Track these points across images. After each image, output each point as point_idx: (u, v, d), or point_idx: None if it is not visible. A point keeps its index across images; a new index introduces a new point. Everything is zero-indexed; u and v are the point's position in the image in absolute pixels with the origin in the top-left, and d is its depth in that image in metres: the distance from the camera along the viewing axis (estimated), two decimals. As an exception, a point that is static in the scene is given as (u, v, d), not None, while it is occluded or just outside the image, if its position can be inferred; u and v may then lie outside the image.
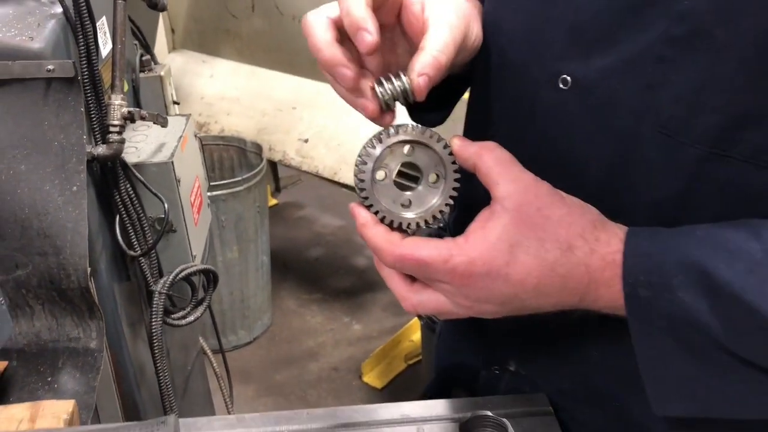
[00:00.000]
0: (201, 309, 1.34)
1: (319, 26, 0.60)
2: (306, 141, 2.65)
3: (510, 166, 0.60)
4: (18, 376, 1.03)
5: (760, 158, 0.55)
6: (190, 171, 1.34)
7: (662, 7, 0.54)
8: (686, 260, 0.55)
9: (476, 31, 0.67)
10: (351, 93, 0.63)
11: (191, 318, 1.32)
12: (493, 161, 0.60)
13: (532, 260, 0.57)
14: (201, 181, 1.43)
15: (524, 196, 0.58)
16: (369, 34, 0.57)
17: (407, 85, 0.60)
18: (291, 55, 2.69)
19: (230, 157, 2.85)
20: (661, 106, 0.57)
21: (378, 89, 0.61)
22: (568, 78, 0.61)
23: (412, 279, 0.63)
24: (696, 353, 0.57)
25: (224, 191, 2.48)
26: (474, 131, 0.76)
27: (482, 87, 0.72)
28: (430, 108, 0.74)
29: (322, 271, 3.31)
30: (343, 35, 0.61)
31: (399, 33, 0.65)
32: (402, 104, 0.63)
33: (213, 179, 2.74)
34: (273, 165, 3.72)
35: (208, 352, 1.81)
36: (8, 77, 1.00)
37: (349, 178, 2.47)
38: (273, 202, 3.84)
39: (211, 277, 1.34)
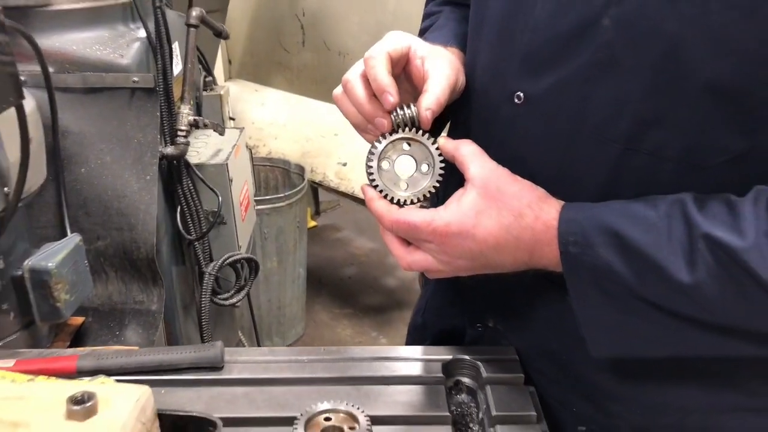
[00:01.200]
0: (243, 293, 1.56)
1: (358, 87, 0.82)
2: (344, 164, 2.88)
3: (479, 155, 0.80)
4: (92, 330, 1.25)
5: (661, 153, 0.74)
6: (241, 175, 1.57)
7: (588, 40, 0.74)
8: (603, 225, 0.73)
9: (462, 79, 0.89)
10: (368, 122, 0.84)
11: (234, 300, 1.54)
12: (466, 152, 0.80)
13: (492, 223, 0.77)
14: (249, 186, 1.66)
15: (488, 177, 0.78)
16: (391, 96, 0.79)
17: (415, 115, 0.81)
18: (335, 86, 2.94)
19: (275, 177, 3.10)
20: (590, 114, 0.76)
21: (393, 114, 0.82)
22: (522, 95, 0.81)
23: (407, 243, 0.83)
24: (616, 300, 0.75)
25: (268, 206, 2.71)
26: (456, 135, 0.97)
27: (461, 104, 0.92)
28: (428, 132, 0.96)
29: (354, 289, 3.51)
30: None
31: (403, 79, 0.87)
32: (409, 128, 0.84)
33: (258, 196, 2.98)
34: (314, 190, 3.96)
35: (246, 345, 2.03)
36: (102, 86, 1.25)
37: (382, 199, 2.69)
38: (312, 224, 4.08)
39: (253, 266, 1.56)
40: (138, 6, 1.31)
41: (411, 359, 0.93)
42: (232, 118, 1.76)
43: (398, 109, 0.82)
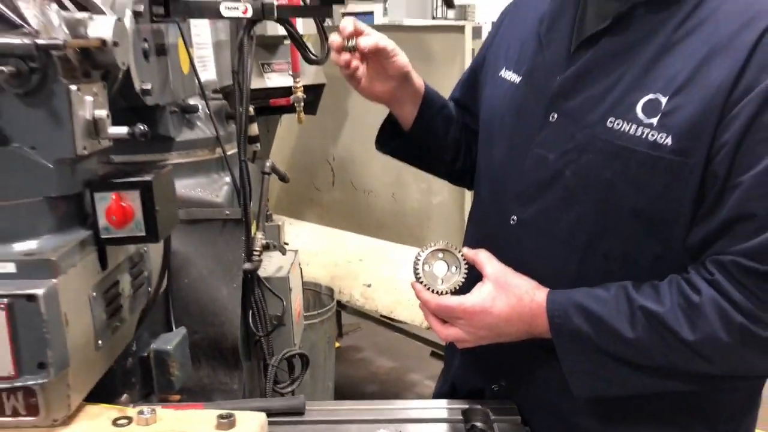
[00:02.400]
0: (297, 383, 1.90)
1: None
2: (369, 286, 3.28)
3: (491, 259, 1.20)
4: (187, 405, 1.60)
5: (609, 255, 1.13)
6: (296, 287, 1.97)
7: (557, 183, 1.15)
8: (575, 302, 1.12)
9: (415, 83, 1.34)
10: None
11: (290, 389, 1.88)
12: (483, 257, 1.20)
13: (503, 304, 1.16)
14: (300, 296, 2.06)
15: (498, 273, 1.18)
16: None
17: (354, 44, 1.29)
18: (361, 219, 3.42)
19: (307, 299, 3.49)
20: (561, 231, 1.17)
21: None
22: (516, 218, 1.23)
23: (444, 321, 1.21)
24: (586, 353, 1.12)
25: (304, 323, 3.08)
26: (472, 246, 1.37)
27: (474, 223, 1.34)
28: (390, 139, 1.41)
29: (377, 404, 3.79)
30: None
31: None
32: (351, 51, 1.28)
33: (292, 316, 3.35)
34: (338, 314, 4.33)
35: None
36: (202, 218, 1.68)
37: (402, 316, 3.07)
38: (336, 345, 4.41)
39: (305, 361, 1.92)
40: (227, 160, 1.77)
41: (439, 408, 1.28)
42: (286, 243, 2.18)
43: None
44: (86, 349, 1.08)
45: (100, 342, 1.12)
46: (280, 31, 2.62)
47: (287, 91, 2.98)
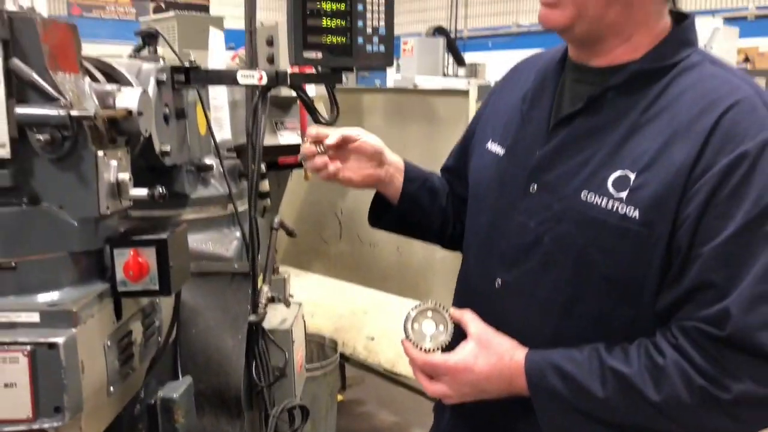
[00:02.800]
0: (296, 434, 1.96)
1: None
2: (372, 339, 3.34)
3: (475, 320, 1.28)
4: (189, 453, 1.66)
5: (583, 318, 1.20)
6: (299, 339, 2.05)
7: (537, 248, 1.23)
8: (551, 362, 1.19)
9: (392, 162, 1.43)
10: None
11: (289, 439, 1.94)
12: (468, 318, 1.28)
13: (484, 362, 1.22)
14: (303, 348, 2.12)
15: (481, 333, 1.25)
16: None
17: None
18: (366, 272, 3.49)
19: (311, 350, 3.54)
20: (540, 293, 1.24)
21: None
22: (500, 280, 1.31)
23: (431, 377, 1.28)
24: (561, 410, 1.18)
25: (305, 374, 3.13)
26: (459, 305, 1.44)
27: (461, 284, 1.42)
28: (381, 215, 1.49)
29: (378, 457, 3.79)
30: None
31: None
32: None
33: (296, 366, 3.40)
34: (342, 366, 4.36)
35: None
36: (213, 271, 1.77)
37: (405, 370, 3.11)
38: (339, 398, 4.43)
39: (305, 413, 1.98)
40: (238, 216, 1.87)
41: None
42: (291, 296, 2.26)
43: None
44: (99, 395, 1.16)
45: (111, 388, 1.20)
46: (294, 92, 2.75)
47: (297, 149, 3.09)
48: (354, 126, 1.46)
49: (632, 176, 1.12)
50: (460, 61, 8.89)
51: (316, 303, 3.63)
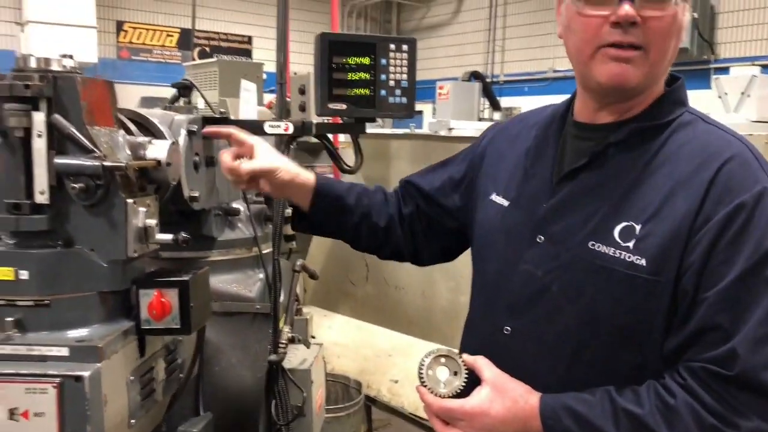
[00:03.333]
0: (313, 474, 2.00)
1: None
2: (396, 381, 3.37)
3: (489, 365, 1.32)
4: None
5: (592, 363, 1.23)
6: (318, 379, 2.10)
7: (545, 297, 1.27)
8: (565, 405, 1.22)
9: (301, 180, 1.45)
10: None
11: (306, 478, 1.98)
12: (481, 363, 1.32)
13: (500, 406, 1.26)
14: (323, 389, 2.18)
15: (495, 378, 1.29)
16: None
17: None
18: (392, 314, 3.54)
19: (336, 391, 3.58)
20: (548, 340, 1.28)
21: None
22: (509, 328, 1.35)
23: (447, 423, 1.32)
24: None
25: (330, 415, 3.17)
26: (468, 351, 1.48)
27: (469, 330, 1.46)
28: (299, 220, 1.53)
29: (402, 501, 3.77)
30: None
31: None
32: None
33: (321, 406, 3.44)
34: (368, 408, 4.38)
35: None
36: (235, 311, 1.85)
37: (427, 413, 3.12)
38: (365, 439, 4.43)
39: (322, 452, 2.02)
40: (262, 258, 1.95)
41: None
42: (313, 336, 2.32)
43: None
44: (120, 427, 1.23)
45: (132, 421, 1.27)
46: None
47: (327, 192, 3.19)
48: (380, 170, 1.50)
49: (638, 227, 1.18)
50: (495, 106, 8.99)
51: (342, 344, 3.68)
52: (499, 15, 11.50)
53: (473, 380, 1.33)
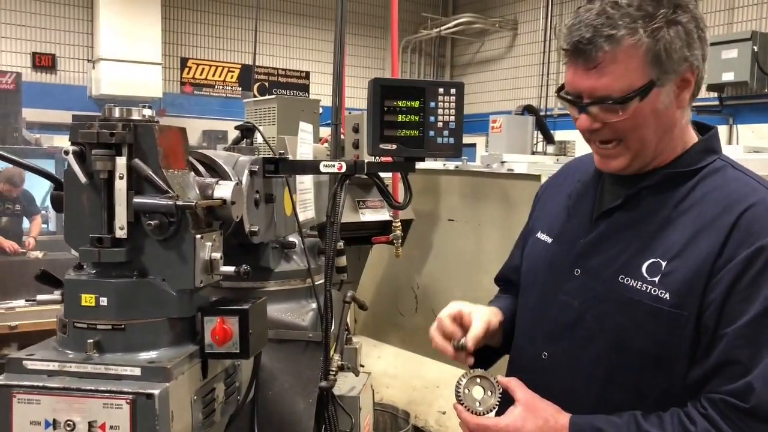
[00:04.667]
0: (359, 497, 2.08)
1: (436, 332, 1.48)
2: (444, 413, 3.42)
3: (521, 387, 1.39)
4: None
5: (624, 387, 1.30)
6: (366, 406, 2.19)
7: (580, 325, 1.35)
8: (593, 426, 1.29)
9: (494, 321, 1.50)
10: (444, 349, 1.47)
11: (353, 502, 2.06)
12: (514, 384, 1.40)
13: (532, 425, 1.34)
14: (370, 416, 2.26)
15: (527, 399, 1.37)
16: (457, 334, 1.44)
17: (465, 344, 1.44)
18: (440, 346, 3.60)
19: (384, 420, 3.65)
20: (584, 364, 1.35)
21: (453, 342, 1.46)
22: (546, 354, 1.43)
23: None
24: None
25: (377, 443, 3.25)
26: (512, 375, 1.55)
27: (513, 355, 1.54)
28: (482, 360, 1.57)
29: None
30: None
31: (458, 325, 1.49)
32: (462, 351, 1.46)
33: (369, 435, 3.52)
34: (416, 438, 4.43)
35: None
36: (289, 338, 1.96)
37: (473, 445, 3.17)
38: (412, 470, 4.47)
39: (369, 477, 2.10)
40: (315, 289, 2.07)
41: None
42: (362, 365, 2.42)
43: (456, 341, 1.45)
44: (184, 443, 1.34)
45: (194, 438, 1.38)
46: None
47: (378, 225, 3.31)
48: (430, 204, 1.59)
49: (664, 263, 1.28)
50: (549, 139, 9.01)
51: (391, 375, 3.76)
52: (552, 49, 11.55)
53: (507, 400, 1.41)
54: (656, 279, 1.27)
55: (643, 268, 1.29)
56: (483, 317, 1.48)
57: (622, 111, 1.26)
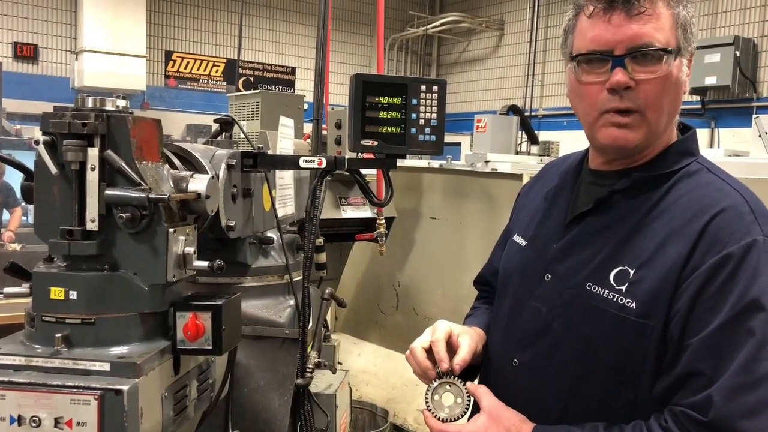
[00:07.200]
0: (335, 496, 2.07)
1: (419, 353, 1.44)
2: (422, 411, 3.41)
3: (488, 394, 1.38)
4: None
5: (589, 398, 1.30)
6: (343, 404, 2.17)
7: (548, 334, 1.34)
8: None
9: (480, 346, 1.48)
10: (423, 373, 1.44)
11: (328, 500, 2.04)
12: (482, 392, 1.39)
13: None
14: (347, 414, 2.25)
15: (492, 407, 1.36)
16: (444, 362, 1.39)
17: (451, 367, 1.42)
18: (420, 344, 3.60)
19: (363, 418, 3.63)
20: (550, 373, 1.34)
21: (437, 369, 1.44)
22: (516, 361, 1.42)
23: None
24: None
25: (355, 441, 3.23)
26: (484, 381, 1.55)
27: (486, 361, 1.53)
28: (463, 374, 1.56)
29: None
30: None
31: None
32: (449, 376, 1.44)
33: (347, 433, 3.50)
34: (395, 436, 4.42)
35: None
36: (265, 335, 1.94)
37: (451, 443, 3.16)
38: (391, 468, 4.46)
39: (344, 475, 2.08)
40: (293, 285, 2.05)
41: None
42: (340, 363, 2.40)
43: (441, 371, 1.44)
44: (154, 440, 1.32)
45: (165, 435, 1.36)
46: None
47: (360, 222, 3.30)
48: (412, 202, 1.58)
49: (632, 271, 1.25)
50: (533, 139, 9.04)
51: (370, 372, 3.75)
52: (538, 50, 11.58)
53: (477, 407, 1.40)
54: (623, 287, 1.25)
55: (611, 276, 1.27)
56: (470, 342, 1.45)
57: (665, 62, 1.22)
